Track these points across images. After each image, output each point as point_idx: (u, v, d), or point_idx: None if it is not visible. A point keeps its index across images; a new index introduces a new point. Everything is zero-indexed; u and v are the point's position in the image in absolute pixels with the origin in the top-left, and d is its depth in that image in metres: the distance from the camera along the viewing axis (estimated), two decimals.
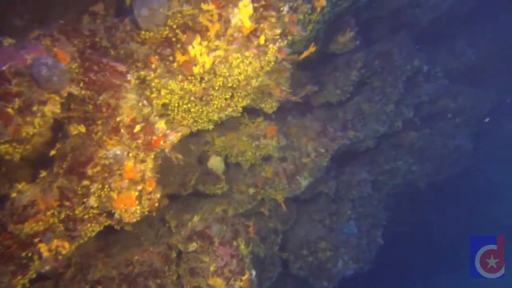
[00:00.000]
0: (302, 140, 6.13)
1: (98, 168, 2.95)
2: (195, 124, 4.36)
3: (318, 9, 4.35)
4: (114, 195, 3.06)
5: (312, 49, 4.46)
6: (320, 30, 5.55)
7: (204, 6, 3.40)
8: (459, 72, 8.56)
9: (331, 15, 5.19)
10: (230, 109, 4.28)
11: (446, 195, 11.70)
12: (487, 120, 10.23)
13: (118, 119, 3.00)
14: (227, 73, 3.67)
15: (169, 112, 4.01)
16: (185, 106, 4.02)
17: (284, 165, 6.10)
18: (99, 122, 2.97)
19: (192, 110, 4.11)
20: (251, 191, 5.96)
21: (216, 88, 3.89)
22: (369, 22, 7.72)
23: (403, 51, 7.36)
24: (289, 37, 3.92)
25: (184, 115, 4.15)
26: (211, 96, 3.97)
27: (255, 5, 3.47)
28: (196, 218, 5.49)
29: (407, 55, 7.41)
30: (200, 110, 4.09)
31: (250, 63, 3.64)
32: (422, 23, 7.78)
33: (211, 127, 4.57)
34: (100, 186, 2.92)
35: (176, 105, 3.91)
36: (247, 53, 3.56)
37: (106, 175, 3.02)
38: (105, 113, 2.96)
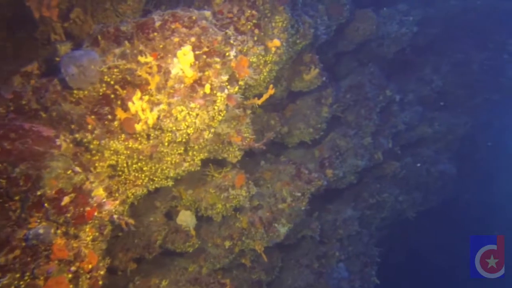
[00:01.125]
0: (277, 185, 5.67)
1: (17, 252, 2.45)
2: (151, 182, 3.90)
3: (273, 50, 4.06)
4: (40, 282, 2.54)
5: (271, 91, 4.12)
6: (281, 70, 5.28)
7: (141, 59, 3.05)
8: (430, 98, 8.36)
9: (291, 53, 4.93)
10: (186, 164, 3.86)
11: (440, 219, 11.29)
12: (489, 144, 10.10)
13: (39, 192, 2.54)
14: (174, 128, 3.27)
15: (120, 173, 3.57)
16: (135, 166, 3.58)
17: (259, 213, 5.61)
18: (17, 198, 2.51)
19: (144, 169, 3.67)
20: (227, 243, 5.42)
21: (166, 144, 3.48)
22: (337, 56, 7.56)
23: (374, 82, 7.14)
24: (241, 82, 3.58)
25: (137, 174, 3.71)
26: (162, 153, 3.55)
27: (197, 52, 3.14)
28: (164, 283, 4.91)
29: (378, 86, 7.18)
30: (154, 168, 3.65)
31: (197, 114, 3.26)
32: (388, 54, 7.64)
33: (170, 183, 4.13)
34: (17, 276, 2.41)
35: (125, 165, 3.48)
36: (192, 105, 3.18)
37: (29, 259, 2.52)
38: (23, 187, 2.51)
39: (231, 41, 3.37)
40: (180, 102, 3.12)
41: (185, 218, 5.30)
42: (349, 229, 7.29)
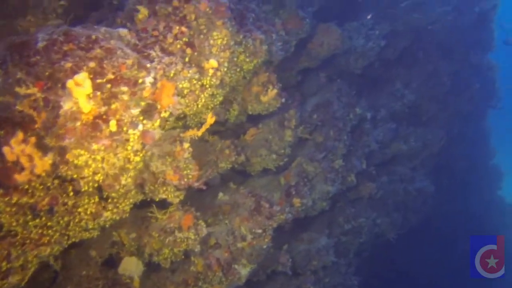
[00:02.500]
0: (236, 221, 4.93)
1: None
2: (65, 237, 3.11)
3: (210, 72, 3.37)
4: None
5: (211, 120, 3.42)
6: (232, 92, 4.61)
7: (20, 90, 2.32)
8: (403, 113, 7.83)
9: (241, 74, 4.26)
10: (107, 213, 3.09)
11: (421, 235, 10.76)
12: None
13: None
14: (75, 176, 2.52)
15: (12, 233, 2.78)
16: (34, 222, 2.80)
17: (217, 254, 4.83)
18: None
19: (49, 224, 2.89)
20: None
21: (71, 194, 2.73)
22: (303, 73, 6.96)
23: (342, 100, 6.55)
24: (164, 114, 2.87)
25: (41, 231, 2.92)
26: (68, 205, 2.79)
27: (99, 80, 2.42)
28: None
29: (348, 104, 6.59)
30: (63, 221, 2.87)
31: (103, 158, 2.52)
32: (356, 69, 7.10)
33: (95, 233, 3.36)
34: None
35: (15, 223, 2.69)
36: (95, 146, 2.44)
37: None
38: None
39: (149, 65, 2.66)
40: (76, 144, 2.38)
41: (130, 266, 4.48)
42: (323, 260, 6.56)
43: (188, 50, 3.23)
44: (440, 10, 7.08)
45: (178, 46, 3.17)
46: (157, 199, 3.76)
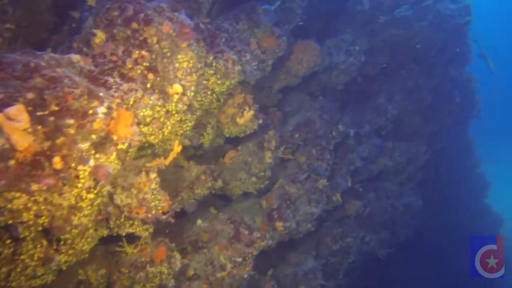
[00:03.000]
0: (214, 250, 4.61)
1: None
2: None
3: (175, 97, 3.12)
4: None
5: (178, 148, 3.16)
6: (206, 116, 4.37)
7: None
8: (387, 128, 7.67)
9: (213, 97, 4.02)
10: (61, 257, 2.76)
11: (411, 248, 10.51)
12: None
13: None
14: (12, 221, 2.21)
15: None
16: None
17: (195, 286, 4.50)
18: None
19: None
20: None
21: (7, 242, 2.41)
22: (284, 91, 6.77)
23: (325, 117, 6.34)
24: (122, 145, 2.59)
25: None
26: (7, 254, 2.46)
27: (40, 113, 2.15)
28: None
29: (330, 121, 6.39)
30: (2, 273, 2.53)
31: (46, 199, 2.22)
32: (338, 85, 6.95)
33: (50, 278, 3.00)
34: None
35: None
36: (35, 187, 2.15)
37: None
38: None
39: (102, 94, 2.39)
40: (9, 187, 2.08)
41: None
42: (311, 284, 6.23)
43: (150, 75, 2.98)
44: (418, 25, 7.02)
45: (139, 71, 2.92)
46: (124, 234, 3.44)
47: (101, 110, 2.34)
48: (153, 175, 3.22)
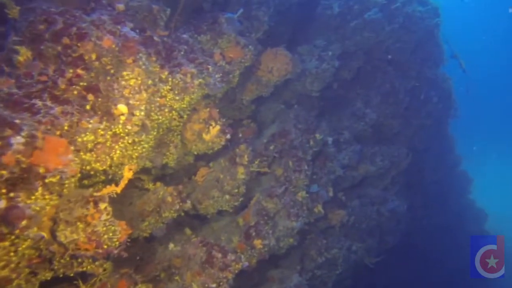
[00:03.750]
0: (187, 276, 4.21)
1: None
2: None
3: (122, 119, 2.76)
4: None
5: (128, 174, 2.80)
6: (168, 134, 4.00)
7: None
8: (366, 133, 7.42)
9: (169, 114, 3.66)
10: None
11: (402, 252, 10.26)
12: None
13: None
14: None
15: None
16: None
17: None
18: None
19: None
20: None
21: None
22: (257, 102, 6.47)
23: (300, 127, 6.05)
24: (52, 179, 2.22)
25: None
26: None
27: None
28: None
29: (306, 130, 6.09)
30: None
31: None
32: (313, 92, 6.67)
33: None
34: None
35: None
36: None
37: None
38: None
39: (19, 121, 2.01)
40: None
41: None
42: None
43: (90, 96, 2.62)
44: (389, 28, 6.84)
45: (75, 92, 2.55)
46: (72, 274, 3.03)
47: (17, 140, 1.96)
48: (103, 205, 2.83)
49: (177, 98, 3.59)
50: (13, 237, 2.04)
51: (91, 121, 2.55)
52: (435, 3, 7.93)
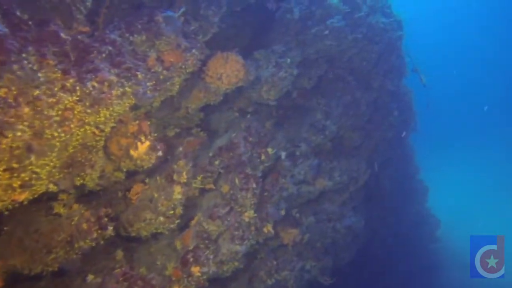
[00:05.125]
0: None
1: None
2: None
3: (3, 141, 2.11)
4: None
5: (19, 196, 2.15)
6: (71, 155, 3.34)
7: None
8: (325, 146, 7.06)
9: (81, 130, 3.03)
10: None
11: (360, 266, 10.10)
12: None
13: None
14: None
15: None
16: None
17: None
18: None
19: None
20: None
21: None
22: (207, 110, 5.91)
23: (251, 140, 5.55)
24: None
25: None
26: None
27: None
28: None
29: (258, 144, 5.60)
30: None
31: None
32: (270, 101, 6.20)
33: None
34: None
35: None
36: None
37: None
38: None
39: None
40: None
41: None
42: None
43: None
44: (351, 37, 6.49)
45: None
46: None
47: None
48: None
49: (89, 111, 2.96)
50: None
51: None
52: (398, 16, 7.72)
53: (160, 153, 3.81)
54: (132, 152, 3.69)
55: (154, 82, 3.73)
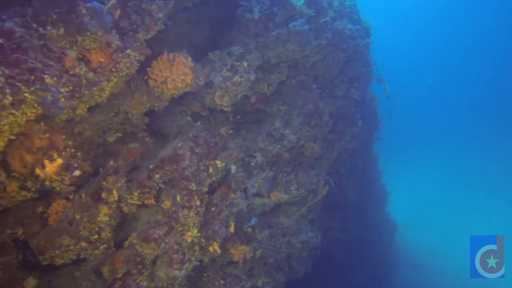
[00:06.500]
0: None
1: None
2: None
3: None
4: None
5: None
6: None
7: None
8: (283, 156, 6.63)
9: None
10: None
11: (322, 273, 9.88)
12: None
13: None
14: None
15: None
16: None
17: None
18: None
19: None
20: None
21: None
22: (153, 116, 5.31)
23: (198, 152, 5.00)
24: None
25: None
26: None
27: None
28: None
29: (206, 156, 5.06)
30: None
31: None
32: (224, 107, 5.67)
33: None
34: None
35: None
36: None
37: None
38: None
39: None
40: None
41: None
42: None
43: None
44: (316, 43, 6.06)
45: None
46: None
47: None
48: None
49: None
50: None
51: None
52: (367, 22, 7.38)
53: (76, 173, 3.19)
54: (38, 171, 3.05)
55: (71, 87, 3.09)
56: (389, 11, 33.94)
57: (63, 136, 3.19)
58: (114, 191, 3.83)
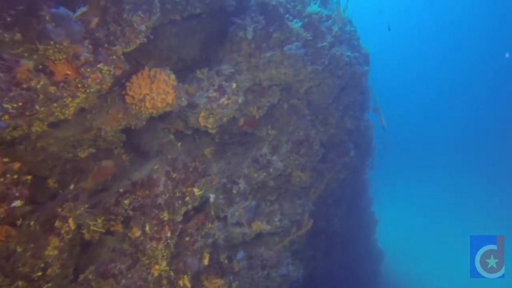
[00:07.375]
0: None
1: None
2: None
3: None
4: None
5: None
6: None
7: None
8: (268, 184, 6.21)
9: None
10: None
11: None
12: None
13: None
14: None
15: None
16: None
17: None
18: None
19: None
20: None
21: None
22: (127, 132, 4.87)
23: (175, 176, 4.56)
24: None
25: None
26: None
27: None
28: None
29: (183, 182, 4.61)
30: None
31: None
32: (209, 129, 5.25)
33: None
34: None
35: None
36: None
37: None
38: None
39: None
40: None
41: None
42: None
43: None
44: (311, 68, 5.72)
45: None
46: None
47: None
48: None
49: None
50: None
51: None
52: (366, 49, 7.08)
53: (16, 204, 2.72)
54: None
55: (20, 103, 2.66)
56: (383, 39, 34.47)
57: (5, 159, 2.74)
58: (70, 220, 3.35)
